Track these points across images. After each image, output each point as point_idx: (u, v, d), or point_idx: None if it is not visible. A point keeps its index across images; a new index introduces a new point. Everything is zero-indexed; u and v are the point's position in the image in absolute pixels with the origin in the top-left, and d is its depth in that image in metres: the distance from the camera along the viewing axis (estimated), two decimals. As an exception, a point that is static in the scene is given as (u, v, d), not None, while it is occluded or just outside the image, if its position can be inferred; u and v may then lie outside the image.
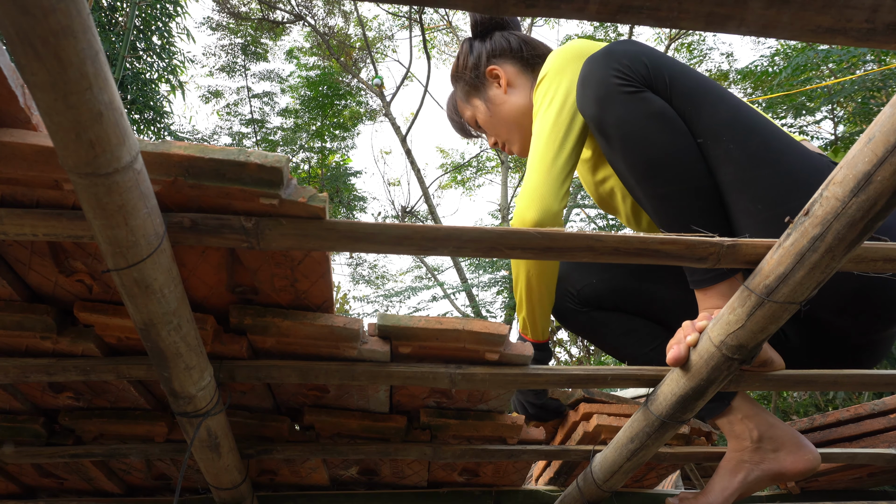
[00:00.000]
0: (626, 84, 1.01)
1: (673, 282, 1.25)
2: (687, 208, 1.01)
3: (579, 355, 8.82)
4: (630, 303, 1.28)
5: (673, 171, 1.00)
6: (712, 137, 1.01)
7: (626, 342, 1.28)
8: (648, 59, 1.04)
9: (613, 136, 1.03)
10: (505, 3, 0.42)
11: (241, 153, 0.63)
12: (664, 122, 1.01)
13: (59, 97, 0.45)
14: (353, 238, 0.70)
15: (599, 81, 1.03)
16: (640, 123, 1.00)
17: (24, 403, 1.08)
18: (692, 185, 1.01)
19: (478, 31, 1.46)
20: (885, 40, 0.45)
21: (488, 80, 1.42)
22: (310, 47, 12.33)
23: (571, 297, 1.32)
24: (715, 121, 1.02)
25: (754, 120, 1.03)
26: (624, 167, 1.05)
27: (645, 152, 1.01)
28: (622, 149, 1.03)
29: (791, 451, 1.07)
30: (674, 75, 1.04)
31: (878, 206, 0.59)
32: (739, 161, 1.00)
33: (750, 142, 1.01)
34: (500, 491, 1.42)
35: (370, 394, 1.09)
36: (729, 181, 1.01)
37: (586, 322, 1.32)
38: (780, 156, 1.00)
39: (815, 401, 5.02)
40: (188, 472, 1.31)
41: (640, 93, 1.01)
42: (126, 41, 6.47)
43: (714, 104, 1.03)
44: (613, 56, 1.03)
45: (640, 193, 1.05)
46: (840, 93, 5.08)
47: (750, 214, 0.99)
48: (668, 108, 1.02)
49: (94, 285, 0.84)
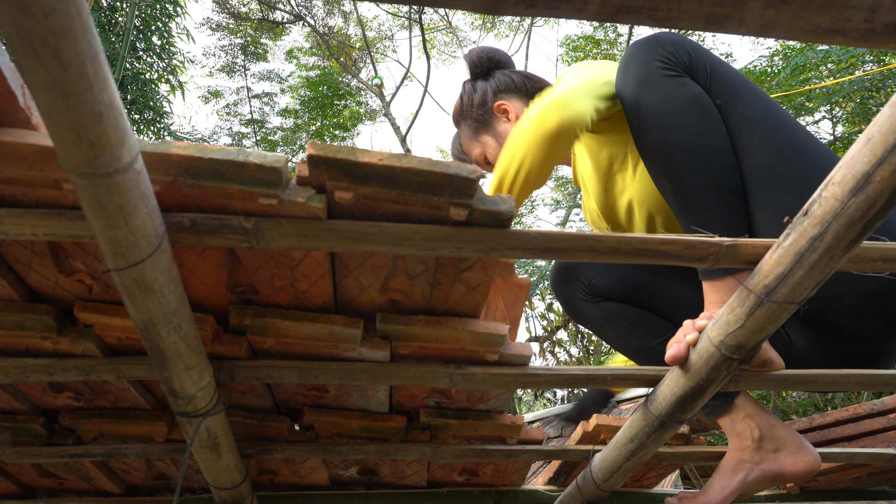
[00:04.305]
0: (667, 68, 1.04)
1: (684, 277, 1.25)
2: (709, 196, 1.02)
3: (579, 355, 8.83)
4: (640, 296, 1.28)
5: (701, 156, 1.02)
6: (746, 128, 1.04)
7: (634, 335, 1.28)
8: (692, 48, 1.06)
9: (649, 117, 1.05)
10: (505, 3, 0.42)
11: (241, 153, 0.63)
12: (700, 108, 1.03)
13: (59, 97, 0.45)
14: (353, 238, 0.70)
15: (641, 63, 1.05)
16: (676, 106, 1.03)
17: (24, 403, 1.08)
18: (718, 173, 1.02)
19: (478, 71, 1.50)
20: (884, 40, 0.45)
21: (497, 116, 1.45)
22: (310, 47, 12.34)
23: (582, 287, 1.32)
24: (750, 112, 1.05)
25: (786, 116, 1.07)
26: (654, 149, 1.06)
27: (677, 135, 1.03)
28: (656, 130, 1.04)
29: (792, 451, 1.08)
30: (715, 66, 1.07)
31: (877, 207, 0.59)
32: (771, 152, 1.02)
33: (782, 135, 1.04)
34: (500, 491, 1.42)
35: (370, 394, 1.09)
36: (758, 172, 1.03)
37: (595, 312, 1.32)
38: (809, 152, 1.03)
39: (814, 401, 5.02)
40: (188, 472, 1.31)
41: (680, 77, 1.04)
42: (126, 41, 6.47)
43: (751, 97, 1.06)
44: (658, 42, 1.06)
45: (664, 177, 1.06)
46: (839, 93, 5.08)
47: (776, 207, 1.01)
48: (705, 96, 1.04)
49: (94, 285, 0.84)
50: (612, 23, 0.84)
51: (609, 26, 10.06)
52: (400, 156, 0.65)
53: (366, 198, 0.68)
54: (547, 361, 9.16)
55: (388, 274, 0.83)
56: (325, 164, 0.65)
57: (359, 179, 0.66)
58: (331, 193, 0.68)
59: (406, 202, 0.69)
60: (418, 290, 0.86)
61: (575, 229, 0.75)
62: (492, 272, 0.84)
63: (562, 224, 10.41)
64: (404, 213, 0.71)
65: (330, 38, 11.62)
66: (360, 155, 0.64)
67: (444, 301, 0.88)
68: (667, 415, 0.94)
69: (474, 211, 0.69)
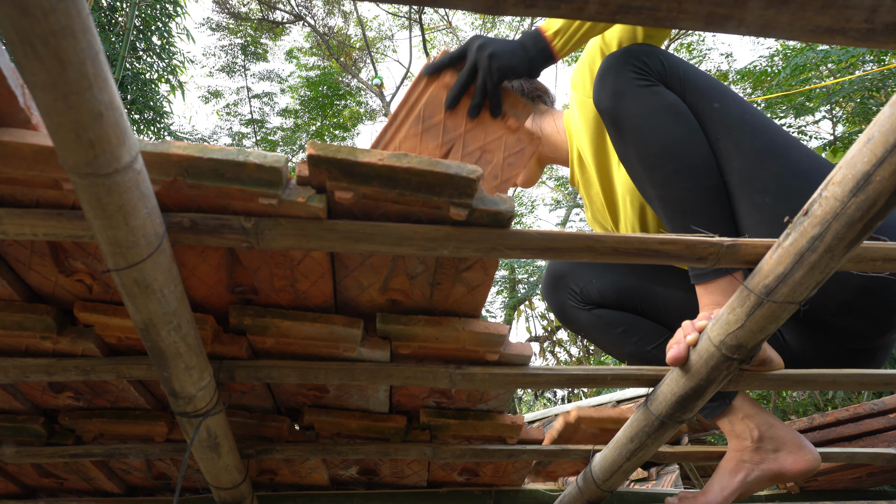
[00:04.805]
0: (642, 78, 1.05)
1: (676, 281, 1.25)
2: (694, 201, 1.03)
3: (579, 355, 8.82)
4: (632, 301, 1.28)
5: (683, 162, 1.03)
6: (724, 132, 1.05)
7: (627, 340, 1.28)
8: (664, 57, 1.08)
9: (627, 127, 1.06)
10: (505, 3, 0.42)
11: (240, 153, 0.63)
12: (677, 114, 1.04)
13: (59, 97, 0.45)
14: (353, 238, 0.70)
15: (616, 75, 1.06)
16: (653, 115, 1.04)
17: (24, 403, 1.08)
18: (701, 177, 1.03)
19: None
20: (884, 40, 0.45)
21: None
22: (310, 47, 12.34)
23: (573, 295, 1.32)
24: (726, 117, 1.06)
25: (762, 119, 1.08)
26: (635, 158, 1.07)
27: (657, 143, 1.04)
28: (635, 139, 1.05)
29: (791, 451, 1.08)
30: (688, 73, 1.08)
31: (877, 206, 0.59)
32: (749, 155, 1.03)
33: (759, 138, 1.05)
34: (500, 491, 1.42)
35: (370, 394, 1.09)
36: (738, 175, 1.04)
37: (588, 320, 1.32)
38: (787, 152, 1.04)
39: (814, 400, 5.02)
40: (188, 472, 1.31)
41: (655, 86, 1.05)
42: (126, 41, 6.47)
43: (726, 102, 1.07)
44: (631, 53, 1.07)
45: (648, 185, 1.07)
46: (839, 93, 5.08)
47: (757, 209, 1.02)
48: (680, 103, 1.06)
49: (94, 285, 0.84)
50: (612, 23, 0.85)
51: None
52: (400, 156, 0.65)
53: (366, 198, 0.68)
54: (547, 361, 9.17)
55: (388, 274, 0.83)
56: (325, 164, 0.65)
57: (359, 179, 0.66)
58: (331, 193, 0.68)
59: (406, 202, 0.69)
60: (418, 290, 0.86)
61: (575, 229, 0.75)
62: (492, 272, 0.83)
63: (562, 224, 10.41)
64: (404, 213, 0.71)
65: (330, 38, 11.63)
66: (360, 155, 0.64)
67: (444, 301, 0.88)
68: (667, 415, 0.94)
69: (474, 211, 0.69)
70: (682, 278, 1.27)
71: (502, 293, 9.49)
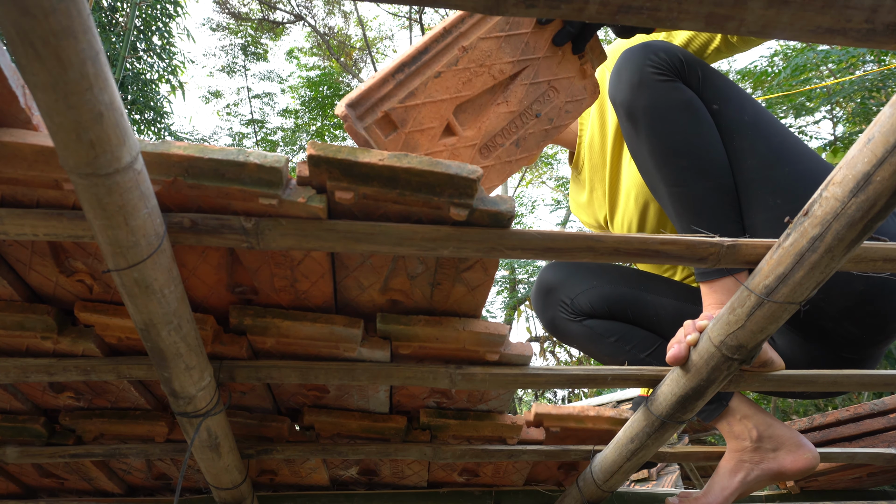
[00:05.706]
0: (660, 73, 1.05)
1: (666, 289, 1.26)
2: (705, 198, 1.03)
3: (579, 355, 8.82)
4: (623, 311, 1.28)
5: (695, 159, 1.03)
6: (738, 131, 1.05)
7: (621, 349, 1.28)
8: (683, 54, 1.08)
9: (642, 121, 1.05)
10: (505, 3, 0.42)
11: (241, 153, 0.63)
12: (693, 111, 1.04)
13: (59, 98, 0.45)
14: (353, 238, 0.70)
15: (634, 69, 1.06)
16: (669, 110, 1.04)
17: (25, 403, 1.08)
18: (713, 176, 1.03)
19: None
20: (884, 41, 0.45)
21: None
22: (310, 47, 12.34)
23: (564, 307, 1.31)
24: (741, 116, 1.06)
25: (775, 121, 1.09)
26: (647, 152, 1.07)
27: (671, 138, 1.04)
28: (649, 134, 1.05)
29: (790, 450, 1.08)
30: (706, 72, 1.09)
31: (877, 207, 0.59)
32: (762, 155, 1.04)
33: (773, 139, 1.05)
34: (500, 491, 1.42)
35: (370, 394, 1.09)
36: (750, 175, 1.04)
37: (579, 331, 1.31)
38: (799, 155, 1.05)
39: (814, 401, 5.02)
40: (188, 472, 1.32)
41: (673, 82, 1.05)
42: (126, 41, 6.47)
43: (741, 102, 1.08)
44: (651, 48, 1.07)
45: (659, 180, 1.07)
46: (839, 93, 5.08)
47: (767, 209, 1.02)
48: (697, 100, 1.06)
49: (94, 285, 0.84)
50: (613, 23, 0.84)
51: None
52: (400, 156, 0.65)
53: (366, 198, 0.68)
54: (547, 361, 9.17)
55: (389, 274, 0.83)
56: (325, 164, 0.65)
57: (359, 179, 0.66)
58: (331, 193, 0.68)
59: (406, 202, 0.69)
60: (418, 290, 0.86)
61: (575, 229, 0.75)
62: (492, 272, 0.83)
63: (562, 224, 10.41)
64: (404, 214, 0.71)
65: (330, 38, 11.63)
66: (361, 155, 0.64)
67: (445, 301, 0.88)
68: (667, 415, 0.94)
69: (474, 211, 0.69)
70: (672, 286, 1.28)
71: (502, 293, 9.49)
